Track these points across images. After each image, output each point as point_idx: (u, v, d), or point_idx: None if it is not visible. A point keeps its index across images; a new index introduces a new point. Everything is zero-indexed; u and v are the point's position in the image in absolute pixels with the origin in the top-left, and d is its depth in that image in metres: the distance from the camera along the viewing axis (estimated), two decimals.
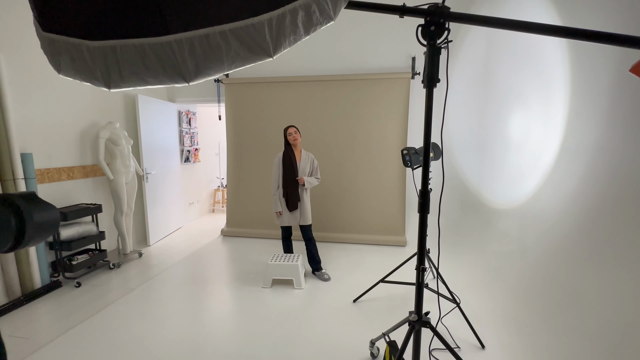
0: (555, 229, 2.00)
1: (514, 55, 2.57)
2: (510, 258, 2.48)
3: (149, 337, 2.11)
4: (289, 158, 2.89)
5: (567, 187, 1.92)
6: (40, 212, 0.41)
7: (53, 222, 0.43)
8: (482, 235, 3.03)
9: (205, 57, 0.88)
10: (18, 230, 0.38)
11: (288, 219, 2.95)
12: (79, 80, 1.08)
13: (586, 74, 1.83)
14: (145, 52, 0.87)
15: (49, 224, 0.42)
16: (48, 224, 0.42)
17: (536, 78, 2.31)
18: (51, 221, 0.43)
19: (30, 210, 0.39)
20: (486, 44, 3.07)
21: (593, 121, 1.77)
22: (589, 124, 1.80)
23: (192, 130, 5.21)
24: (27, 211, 0.39)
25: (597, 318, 1.60)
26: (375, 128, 3.97)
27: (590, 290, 1.69)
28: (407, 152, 2.20)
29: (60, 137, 3.05)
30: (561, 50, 2.04)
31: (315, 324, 2.24)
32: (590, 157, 1.77)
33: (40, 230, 0.41)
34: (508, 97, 2.68)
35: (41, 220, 0.40)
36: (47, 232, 0.42)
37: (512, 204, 2.57)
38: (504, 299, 2.33)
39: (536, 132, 2.31)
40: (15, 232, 0.38)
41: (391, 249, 3.82)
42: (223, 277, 3.06)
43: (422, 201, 1.13)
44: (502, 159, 2.77)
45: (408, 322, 1.25)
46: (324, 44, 4.05)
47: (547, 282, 2.00)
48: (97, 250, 3.22)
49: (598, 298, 1.63)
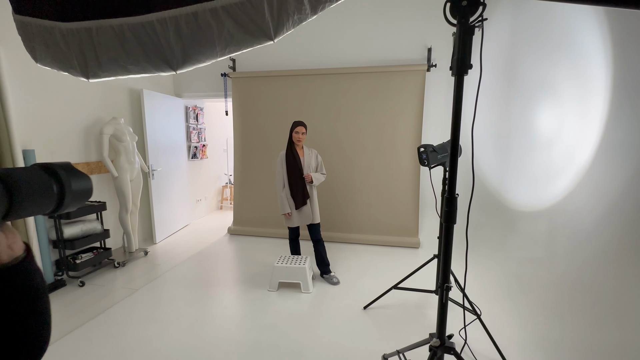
0: (594, 235, 1.79)
1: (544, 41, 2.33)
2: (538, 266, 2.27)
3: (150, 343, 2.01)
4: (292, 155, 2.74)
5: (609, 190, 1.71)
6: (77, 180, 0.45)
7: (87, 190, 0.47)
8: (503, 239, 2.82)
9: (193, 39, 0.73)
10: (59, 196, 0.42)
11: (297, 219, 2.81)
12: (57, 70, 0.96)
13: (631, 64, 1.61)
14: (125, 34, 0.73)
15: (84, 192, 0.46)
16: (83, 191, 0.46)
17: (570, 68, 2.08)
18: (86, 189, 0.47)
19: (69, 178, 0.44)
20: (511, 28, 2.82)
21: (639, 117, 1.54)
22: (633, 120, 1.58)
23: (200, 126, 5.12)
24: (66, 179, 0.43)
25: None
26: (388, 124, 3.77)
27: (636, 307, 1.49)
28: (425, 149, 2.01)
29: (63, 133, 2.98)
30: (602, 36, 1.81)
31: (322, 333, 2.10)
32: (637, 157, 1.55)
33: (77, 196, 0.45)
34: (535, 88, 2.45)
35: (78, 188, 0.45)
36: (82, 199, 0.46)
37: (539, 206, 2.36)
38: (531, 312, 2.13)
39: (569, 128, 2.09)
40: (57, 197, 0.42)
41: (404, 250, 3.65)
42: (228, 279, 2.96)
43: (448, 209, 0.96)
44: (528, 157, 2.55)
45: (429, 347, 1.09)
46: (334, 35, 3.86)
47: (584, 295, 1.80)
48: (101, 249, 3.17)
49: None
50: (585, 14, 1.93)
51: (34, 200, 0.39)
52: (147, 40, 0.74)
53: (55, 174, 0.42)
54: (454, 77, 0.91)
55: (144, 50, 0.76)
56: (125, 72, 0.81)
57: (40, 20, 0.74)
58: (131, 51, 0.76)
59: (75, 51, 0.77)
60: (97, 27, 0.72)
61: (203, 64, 0.82)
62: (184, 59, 0.75)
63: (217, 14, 0.70)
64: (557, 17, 2.20)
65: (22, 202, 0.37)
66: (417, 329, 2.11)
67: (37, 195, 0.40)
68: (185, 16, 0.71)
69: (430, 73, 3.68)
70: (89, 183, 0.48)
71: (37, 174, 0.41)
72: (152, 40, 0.73)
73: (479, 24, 0.88)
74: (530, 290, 2.25)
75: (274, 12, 0.72)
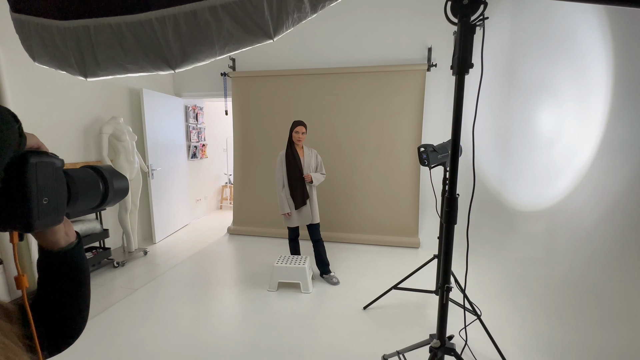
0: (594, 235, 1.79)
1: (544, 40, 2.33)
2: (538, 266, 2.27)
3: (149, 343, 2.01)
4: (292, 155, 2.73)
5: (610, 190, 1.70)
6: (118, 180, 0.52)
7: (125, 189, 0.54)
8: (503, 239, 2.82)
9: (192, 37, 0.73)
10: (104, 192, 0.49)
11: (297, 219, 2.80)
12: (55, 69, 0.95)
13: (632, 63, 1.60)
14: (123, 33, 0.73)
15: (122, 190, 0.53)
16: (122, 189, 0.53)
17: (570, 67, 2.07)
18: (124, 188, 0.54)
19: (112, 178, 0.50)
20: (511, 27, 2.81)
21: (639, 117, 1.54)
22: (634, 119, 1.58)
23: (199, 125, 5.11)
24: (109, 179, 0.50)
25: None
26: (389, 123, 3.76)
27: (638, 308, 1.48)
28: (425, 149, 2.00)
29: (62, 133, 2.98)
30: (602, 35, 1.81)
31: (322, 333, 2.09)
32: (638, 157, 1.55)
33: (118, 194, 0.52)
34: (536, 87, 2.44)
35: (118, 187, 0.52)
36: (121, 196, 0.54)
37: (539, 206, 2.35)
38: (531, 312, 2.12)
39: (569, 127, 2.08)
40: (102, 194, 0.49)
41: (404, 250, 3.64)
42: (227, 279, 2.95)
43: (448, 210, 0.95)
44: (528, 157, 2.54)
45: (430, 348, 1.08)
46: (334, 34, 3.85)
47: (584, 296, 1.80)
48: (101, 249, 3.16)
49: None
50: (586, 13, 1.93)
51: (86, 195, 0.46)
52: (146, 39, 0.73)
53: (101, 174, 0.50)
54: (455, 77, 0.90)
55: (143, 49, 0.75)
56: (124, 71, 0.80)
57: (38, 19, 0.73)
58: (129, 50, 0.75)
59: (73, 50, 0.76)
60: (95, 26, 0.72)
61: (202, 62, 0.81)
62: (182, 57, 0.74)
63: (216, 12, 0.69)
64: (558, 16, 2.19)
65: (79, 195, 0.44)
66: (417, 329, 2.11)
67: (89, 191, 0.47)
68: (184, 14, 0.70)
69: (431, 73, 3.67)
70: (127, 183, 0.55)
71: (87, 174, 0.48)
72: (150, 39, 0.73)
73: (480, 22, 0.87)
74: (531, 291, 2.25)
75: (274, 11, 0.71)
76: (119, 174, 0.53)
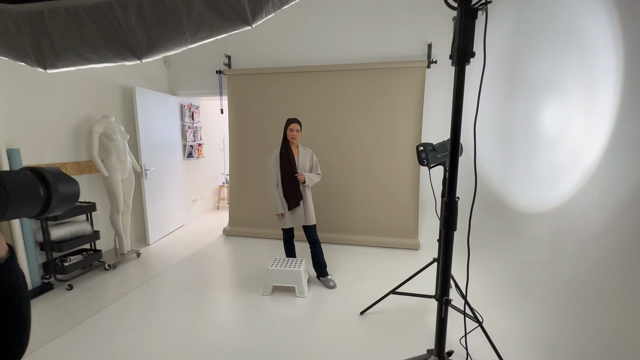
0: (602, 238, 1.70)
1: (550, 35, 2.23)
2: (542, 269, 2.18)
3: (139, 350, 1.93)
4: (286, 154, 2.64)
5: (619, 191, 1.61)
6: (64, 185, 0.46)
7: (74, 194, 0.48)
8: (506, 241, 2.72)
9: (158, 23, 0.64)
10: (45, 199, 0.44)
11: (290, 220, 2.71)
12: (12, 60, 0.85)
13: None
14: (80, 18, 0.64)
15: (70, 196, 0.47)
16: (70, 195, 0.47)
17: (577, 62, 1.98)
18: (72, 194, 0.48)
19: (57, 182, 0.45)
20: (514, 19, 2.71)
21: None
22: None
23: (195, 124, 5.02)
24: (54, 183, 0.45)
25: None
26: (388, 122, 3.67)
27: None
28: (424, 148, 1.91)
29: (51, 132, 2.89)
30: (611, 28, 1.71)
31: (317, 340, 2.01)
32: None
33: (65, 200, 0.46)
34: (540, 84, 2.35)
35: (64, 192, 0.46)
36: (69, 203, 0.47)
37: (544, 207, 2.26)
38: (535, 318, 2.03)
39: (575, 125, 1.99)
40: (43, 201, 0.44)
41: (403, 252, 3.55)
42: (221, 282, 2.86)
43: (447, 214, 0.86)
44: (532, 156, 2.45)
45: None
46: (331, 30, 3.76)
47: (591, 301, 1.70)
48: (91, 251, 3.08)
49: None
50: (594, 4, 1.83)
51: (20, 202, 0.40)
52: (106, 25, 0.64)
53: (42, 177, 0.44)
54: (455, 67, 0.81)
55: (104, 36, 0.66)
56: (85, 61, 0.72)
57: None
58: (89, 37, 0.67)
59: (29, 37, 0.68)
60: (49, 10, 0.64)
61: (172, 51, 0.72)
62: (149, 46, 0.66)
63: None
64: (564, 8, 2.09)
65: (8, 204, 0.38)
66: (416, 336, 2.02)
67: (23, 197, 0.41)
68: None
69: (431, 70, 3.58)
70: (76, 187, 0.49)
71: (24, 177, 0.42)
72: (111, 25, 0.64)
73: (483, 7, 0.78)
74: (534, 295, 2.15)
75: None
76: (67, 178, 0.48)
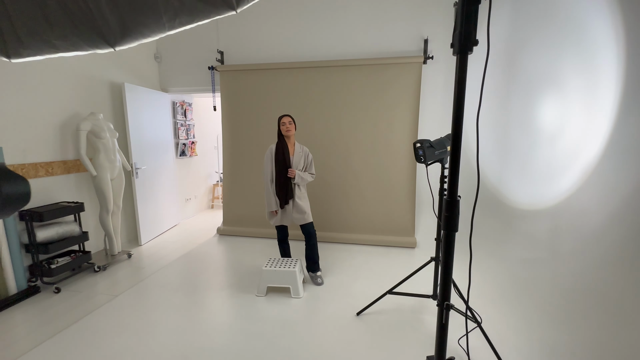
0: (601, 236, 1.67)
1: (548, 29, 2.19)
2: (540, 267, 2.15)
3: (129, 354, 1.86)
4: (281, 150, 2.58)
5: (618, 188, 1.58)
6: (9, 185, 0.42)
7: (22, 195, 0.44)
8: (503, 239, 2.69)
9: (132, 6, 0.57)
10: None
11: (280, 217, 2.66)
12: None
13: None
14: (45, 0, 0.57)
15: (19, 196, 0.43)
16: (18, 195, 0.43)
17: (576, 57, 1.94)
18: (21, 194, 0.44)
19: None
20: (512, 12, 2.67)
21: None
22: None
23: (188, 122, 4.92)
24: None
25: None
26: (383, 119, 3.62)
27: None
28: (421, 145, 1.86)
29: (37, 130, 2.79)
30: (613, 22, 1.67)
31: (313, 342, 1.96)
32: None
33: (9, 202, 0.42)
34: (538, 79, 2.31)
35: (9, 192, 0.42)
36: (17, 205, 0.43)
37: (542, 205, 2.23)
38: (533, 317, 2.01)
39: (575, 121, 1.95)
40: None
41: (400, 250, 3.52)
42: (214, 283, 2.80)
43: (448, 214, 0.81)
44: (529, 152, 2.42)
45: None
46: (326, 26, 3.69)
47: (590, 299, 1.68)
48: (80, 252, 2.99)
49: None
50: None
51: None
52: (74, 8, 0.57)
53: None
54: (456, 56, 0.76)
55: (72, 21, 0.59)
56: (53, 49, 0.64)
57: None
58: (56, 22, 0.59)
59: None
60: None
61: (149, 38, 0.65)
62: (122, 32, 0.59)
63: None
64: (563, 1, 2.05)
65: None
66: (413, 336, 1.99)
67: None
68: None
69: (427, 65, 3.53)
70: (25, 186, 0.45)
71: None
72: (80, 8, 0.57)
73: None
74: (532, 293, 2.13)
75: None
76: (14, 176, 0.44)
